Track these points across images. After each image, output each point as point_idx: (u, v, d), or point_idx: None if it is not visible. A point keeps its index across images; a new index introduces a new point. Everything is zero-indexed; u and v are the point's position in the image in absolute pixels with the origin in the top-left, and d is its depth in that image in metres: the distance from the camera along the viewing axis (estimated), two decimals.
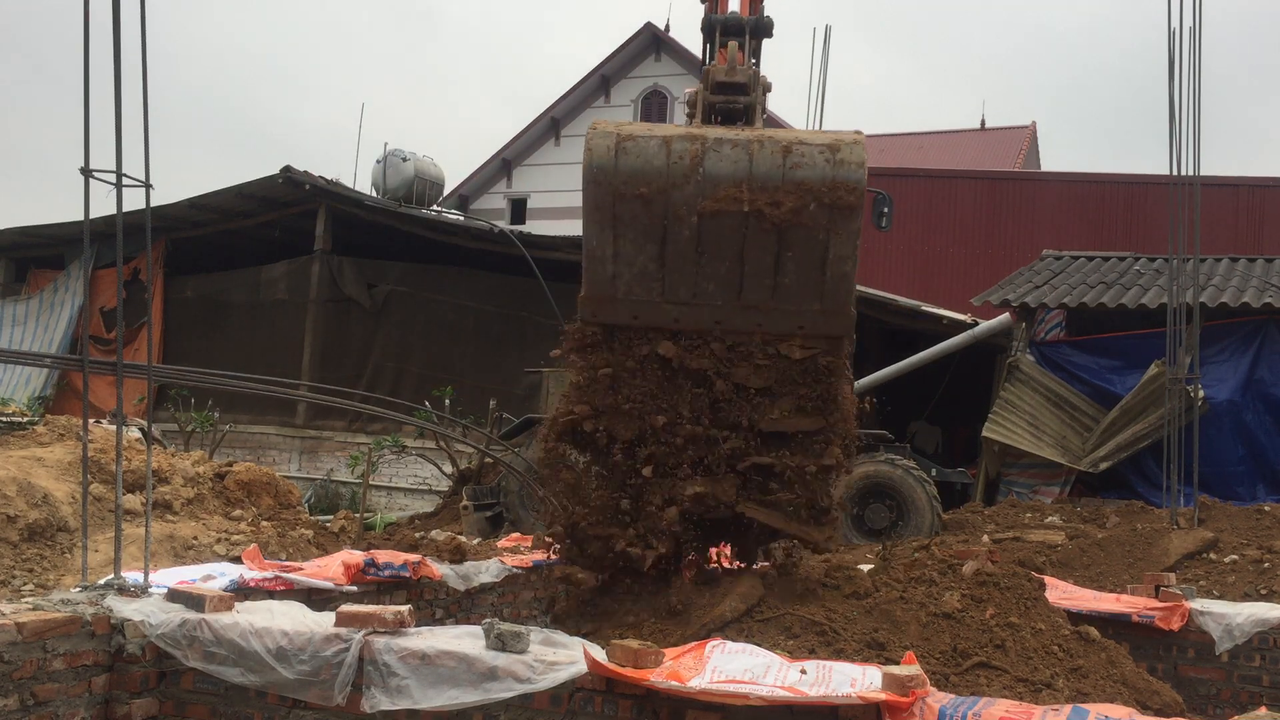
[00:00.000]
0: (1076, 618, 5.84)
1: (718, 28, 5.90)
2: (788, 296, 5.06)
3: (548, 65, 68.25)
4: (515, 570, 6.92)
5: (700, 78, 5.95)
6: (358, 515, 10.35)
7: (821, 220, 4.89)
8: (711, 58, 5.97)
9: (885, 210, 10.98)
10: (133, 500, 7.10)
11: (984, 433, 13.16)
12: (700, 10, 6.18)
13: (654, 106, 31.17)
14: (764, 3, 6.19)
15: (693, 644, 4.01)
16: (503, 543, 7.56)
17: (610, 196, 5.05)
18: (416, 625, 4.21)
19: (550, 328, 14.80)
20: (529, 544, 7.48)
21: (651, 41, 31.38)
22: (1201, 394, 11.29)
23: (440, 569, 6.31)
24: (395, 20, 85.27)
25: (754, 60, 5.98)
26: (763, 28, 5.96)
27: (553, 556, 5.76)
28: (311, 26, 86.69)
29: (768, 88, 5.73)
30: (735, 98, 5.58)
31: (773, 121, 31.45)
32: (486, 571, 6.57)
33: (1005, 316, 14.20)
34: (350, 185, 19.43)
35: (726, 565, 5.50)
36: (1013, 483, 13.30)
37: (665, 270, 5.10)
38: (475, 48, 78.30)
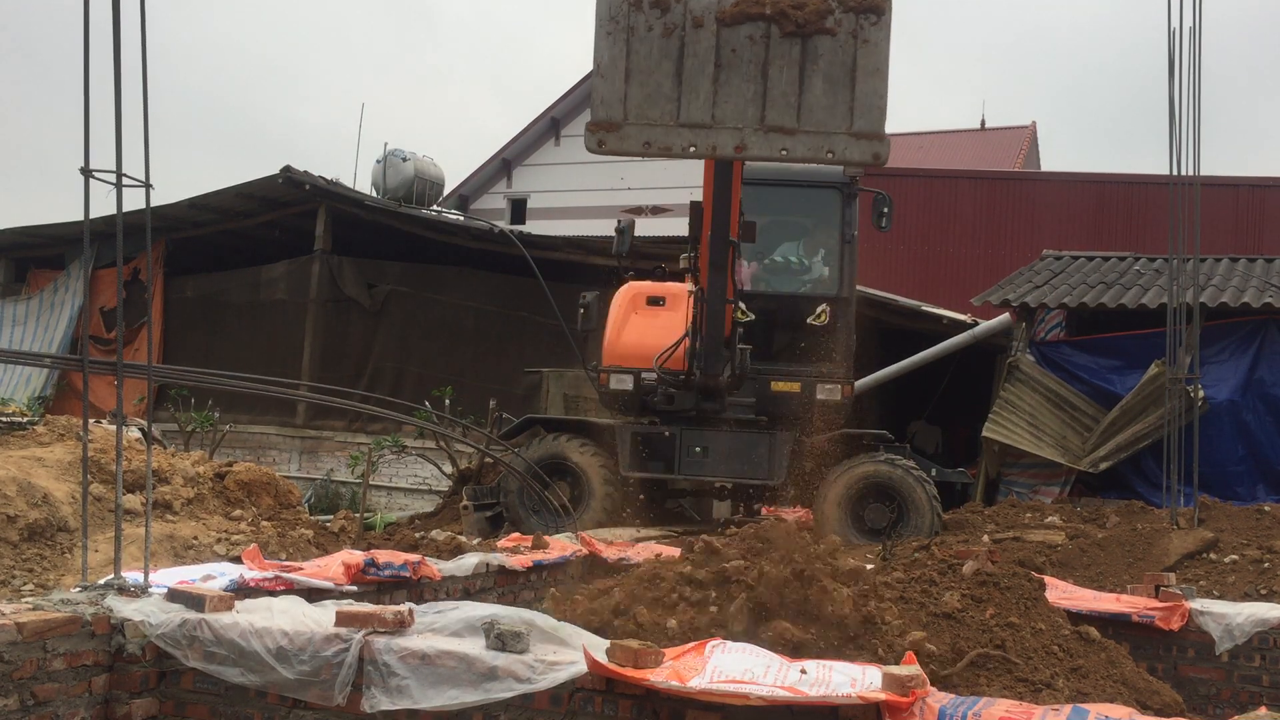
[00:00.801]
0: (1076, 618, 5.84)
1: None
2: (814, 117, 4.72)
3: (548, 65, 68.29)
4: (515, 569, 6.92)
5: None
6: (358, 515, 10.35)
7: (849, 26, 4.64)
8: None
9: (885, 210, 11.00)
10: (133, 500, 7.09)
11: (984, 433, 13.16)
12: None
13: None
14: None
15: (692, 644, 4.01)
16: (503, 543, 7.56)
17: (624, 4, 4.80)
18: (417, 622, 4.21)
19: (550, 328, 14.81)
20: (529, 544, 7.48)
21: None
22: (1201, 394, 11.28)
23: (439, 568, 6.32)
24: (395, 20, 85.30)
25: None
26: None
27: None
28: (311, 27, 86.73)
29: None
30: None
31: None
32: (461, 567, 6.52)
33: (1005, 316, 14.20)
34: (350, 185, 19.43)
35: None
36: (1013, 483, 13.30)
37: (681, 89, 4.77)
38: (475, 47, 78.35)
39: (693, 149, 4.87)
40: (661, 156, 5.04)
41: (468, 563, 6.49)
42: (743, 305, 10.95)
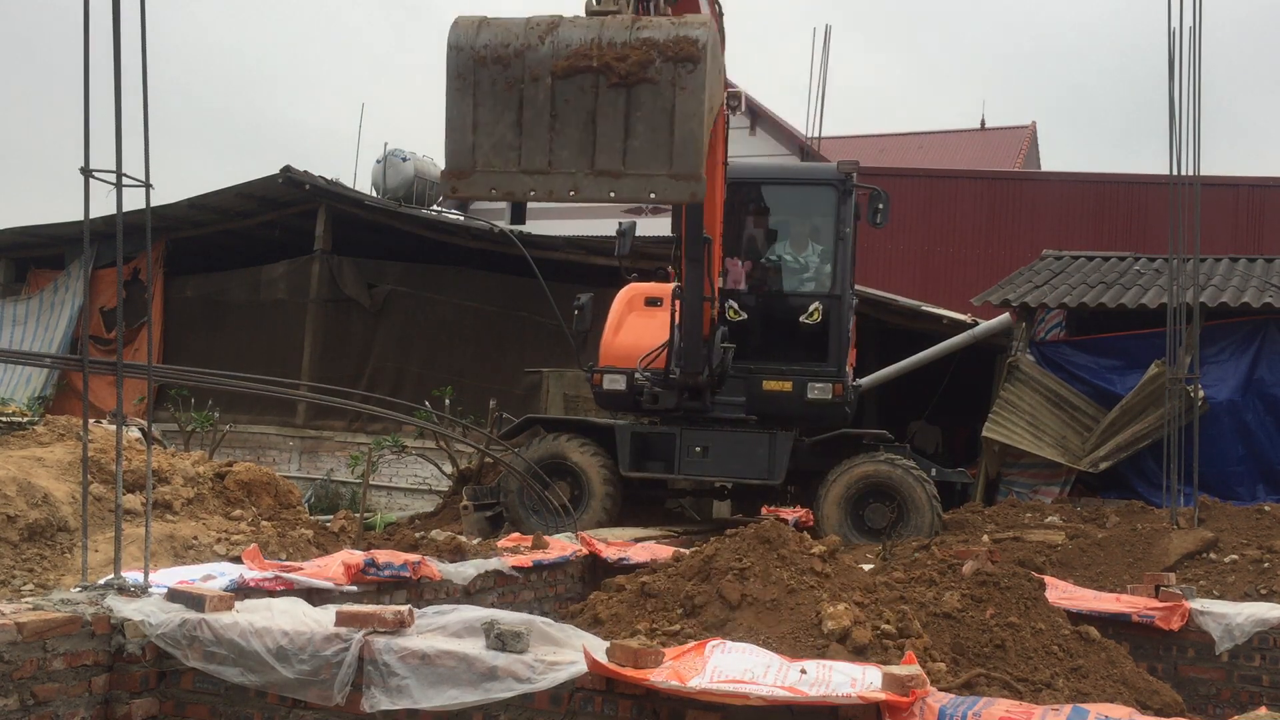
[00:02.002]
0: (1076, 618, 5.84)
1: None
2: (638, 160, 5.09)
3: None
4: (513, 572, 6.91)
5: None
6: (358, 515, 10.34)
7: (667, 75, 5.01)
8: None
9: (880, 206, 10.93)
10: (133, 500, 7.09)
11: (984, 433, 13.16)
12: None
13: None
14: None
15: (692, 644, 4.02)
16: (503, 543, 7.56)
17: (470, 62, 5.20)
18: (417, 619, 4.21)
19: (550, 328, 14.81)
20: (529, 544, 7.48)
21: None
22: (1201, 394, 11.28)
23: (440, 568, 6.31)
24: (394, 20, 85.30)
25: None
26: None
27: None
28: (311, 27, 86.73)
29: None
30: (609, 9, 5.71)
31: (774, 123, 31.24)
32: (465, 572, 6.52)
33: (1005, 316, 14.19)
34: (350, 185, 19.42)
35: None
36: (1013, 483, 13.29)
37: (522, 138, 5.17)
38: None
39: (533, 193, 5.25)
40: (506, 200, 5.61)
41: (468, 571, 6.49)
42: (734, 304, 11.00)
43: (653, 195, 5.18)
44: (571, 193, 5.20)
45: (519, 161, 5.19)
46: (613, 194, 5.18)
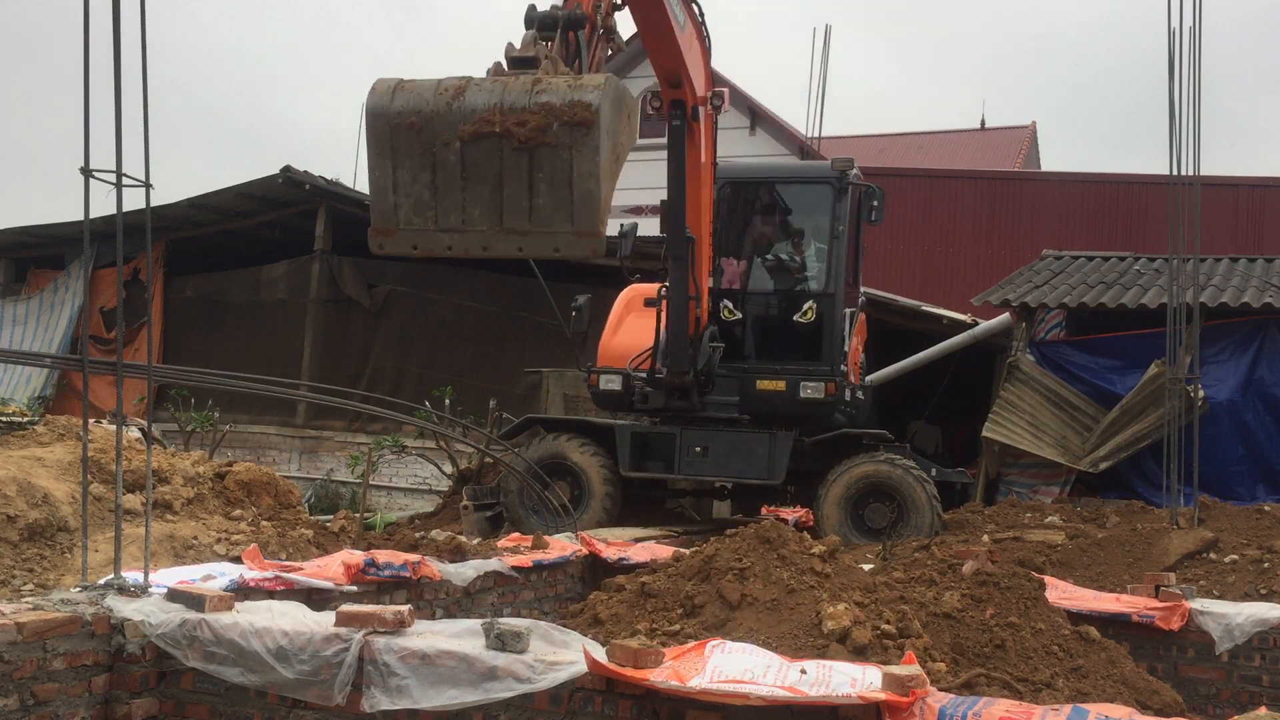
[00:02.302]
0: (1076, 618, 5.84)
1: (534, 22, 6.56)
2: (542, 218, 5.47)
3: None
4: (513, 572, 6.91)
5: None
6: (358, 515, 10.34)
7: (565, 139, 5.34)
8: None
9: (875, 204, 10.90)
10: (133, 500, 7.09)
11: (984, 433, 13.16)
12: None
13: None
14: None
15: (692, 644, 4.01)
16: (503, 543, 7.56)
17: (387, 128, 5.56)
18: (416, 625, 4.21)
19: (550, 328, 14.81)
20: (529, 544, 7.48)
21: None
22: (1201, 394, 11.28)
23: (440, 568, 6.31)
24: (394, 20, 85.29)
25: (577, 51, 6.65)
26: (574, 20, 6.69)
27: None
28: (311, 27, 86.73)
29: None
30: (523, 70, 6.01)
31: (774, 122, 31.17)
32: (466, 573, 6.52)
33: (1005, 316, 14.20)
34: (350, 185, 19.40)
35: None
36: (1013, 483, 13.29)
37: (437, 198, 5.55)
38: (474, 46, 78.32)
39: (449, 250, 5.66)
40: (427, 257, 5.88)
41: (468, 572, 6.49)
42: (729, 304, 11.02)
43: (557, 251, 5.57)
44: (483, 249, 5.62)
45: (435, 220, 5.57)
46: (520, 250, 5.60)
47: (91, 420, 5.62)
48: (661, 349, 10.50)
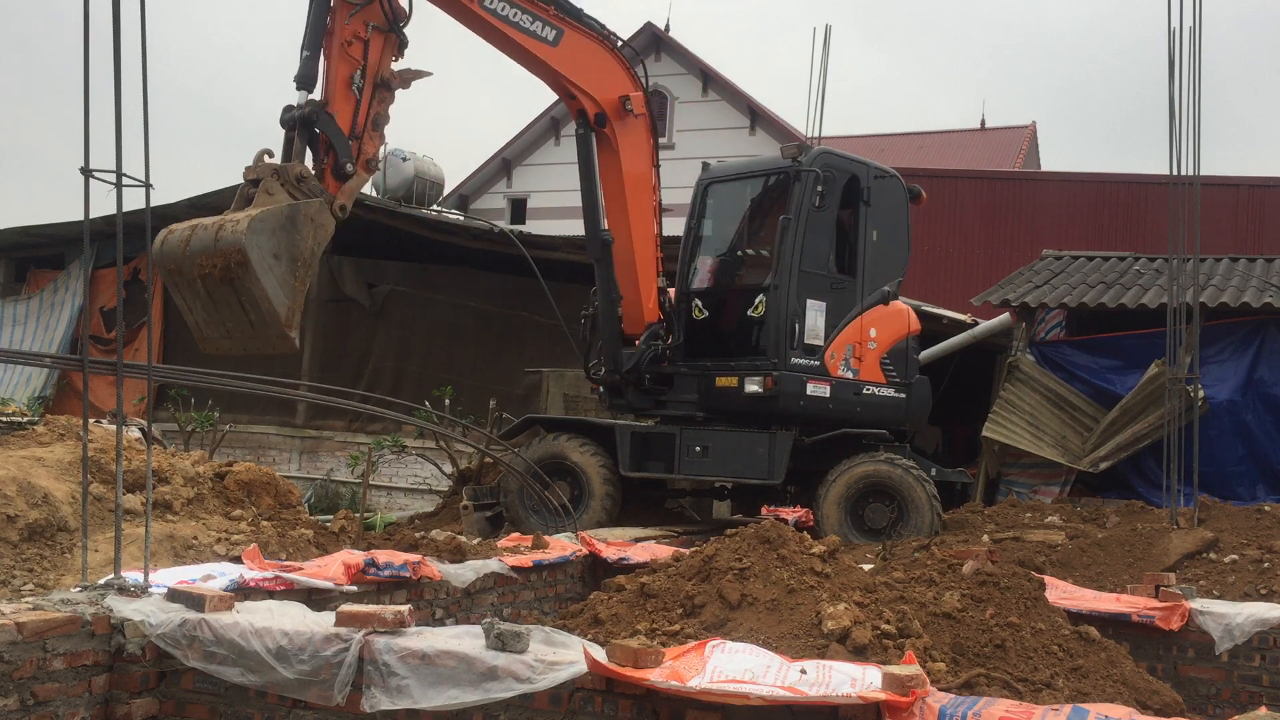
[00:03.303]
0: (1076, 618, 5.84)
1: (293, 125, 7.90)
2: (258, 328, 7.03)
3: None
4: (513, 572, 6.91)
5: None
6: (358, 515, 10.34)
7: (240, 273, 6.82)
8: (288, 151, 7.94)
9: (820, 189, 10.44)
10: (133, 500, 7.08)
11: (984, 433, 13.16)
12: None
13: (654, 106, 31.12)
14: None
15: (692, 644, 4.01)
16: (503, 543, 7.56)
17: (166, 274, 7.27)
18: (416, 625, 4.21)
19: (550, 328, 14.80)
20: (529, 544, 7.48)
21: (651, 41, 31.34)
22: (1201, 394, 11.27)
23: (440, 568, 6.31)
24: None
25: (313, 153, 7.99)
26: (307, 120, 7.87)
27: None
28: None
29: (302, 174, 7.57)
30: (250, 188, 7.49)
31: (774, 122, 31.12)
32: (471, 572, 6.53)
33: (1005, 316, 14.19)
34: None
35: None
36: (1013, 483, 13.29)
37: (207, 318, 7.21)
38: (475, 47, 78.19)
39: (232, 352, 7.38)
40: (219, 356, 7.53)
41: (468, 573, 6.49)
42: (699, 302, 11.05)
43: (275, 349, 7.20)
44: (244, 351, 7.33)
45: (216, 330, 7.24)
46: (260, 350, 7.29)
47: (91, 420, 5.62)
48: (597, 349, 10.89)
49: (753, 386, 10.40)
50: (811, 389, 10.54)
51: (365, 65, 8.05)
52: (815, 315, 10.65)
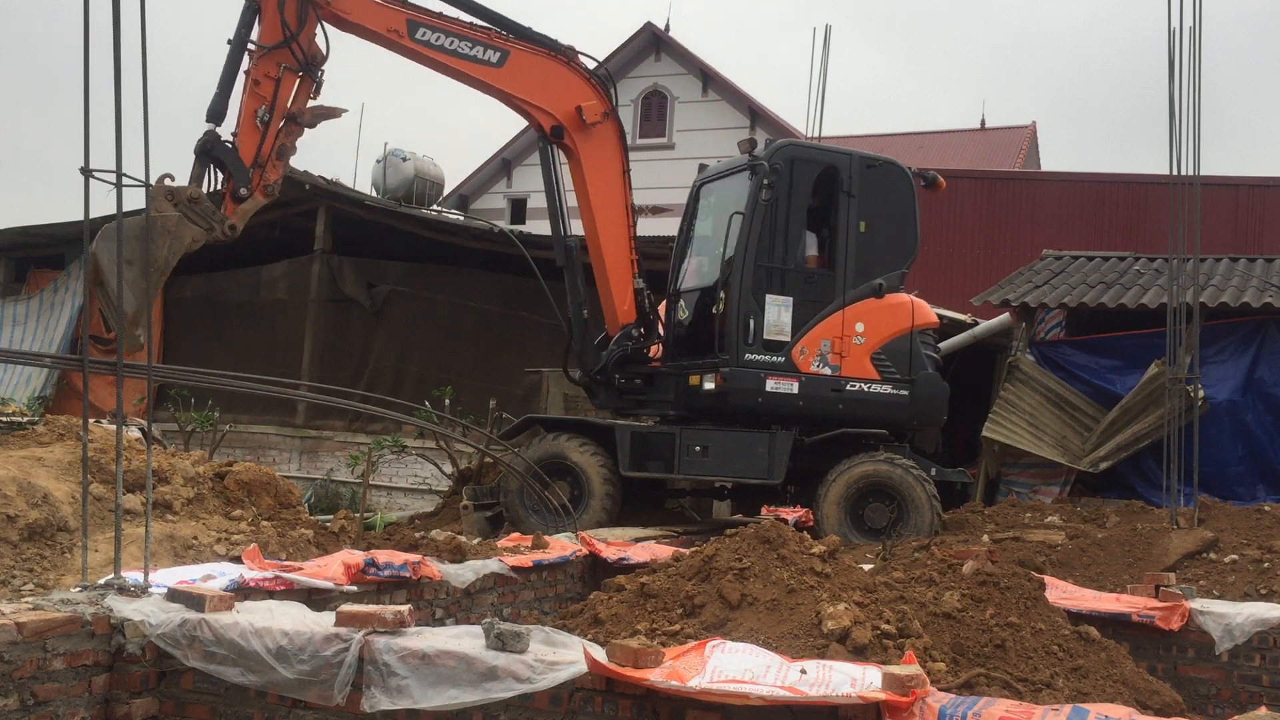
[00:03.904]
0: (1076, 618, 5.84)
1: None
2: (116, 324, 7.35)
3: None
4: (513, 573, 6.91)
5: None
6: (358, 515, 10.34)
7: (98, 275, 7.77)
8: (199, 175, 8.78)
9: (765, 183, 10.36)
10: (133, 500, 7.09)
11: (984, 433, 13.16)
12: None
13: (654, 106, 31.15)
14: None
15: (692, 644, 4.01)
16: (503, 543, 7.56)
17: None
18: (416, 625, 4.21)
19: (550, 328, 14.80)
20: (529, 544, 7.48)
21: (651, 41, 31.35)
22: (1201, 394, 11.28)
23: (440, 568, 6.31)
24: None
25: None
26: (206, 150, 8.78)
27: None
28: None
29: (194, 195, 8.62)
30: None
31: (774, 122, 31.16)
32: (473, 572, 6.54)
33: (1005, 316, 14.20)
34: (350, 185, 19.40)
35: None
36: (1013, 483, 13.30)
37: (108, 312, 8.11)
38: None
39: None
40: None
41: (467, 573, 6.49)
42: (683, 303, 11.16)
43: (128, 345, 7.24)
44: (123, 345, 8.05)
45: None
46: (126, 342, 8.17)
47: (91, 420, 5.62)
48: (572, 349, 11.21)
49: (707, 384, 10.48)
50: (773, 385, 10.38)
51: (274, 102, 8.91)
52: (778, 310, 10.48)
